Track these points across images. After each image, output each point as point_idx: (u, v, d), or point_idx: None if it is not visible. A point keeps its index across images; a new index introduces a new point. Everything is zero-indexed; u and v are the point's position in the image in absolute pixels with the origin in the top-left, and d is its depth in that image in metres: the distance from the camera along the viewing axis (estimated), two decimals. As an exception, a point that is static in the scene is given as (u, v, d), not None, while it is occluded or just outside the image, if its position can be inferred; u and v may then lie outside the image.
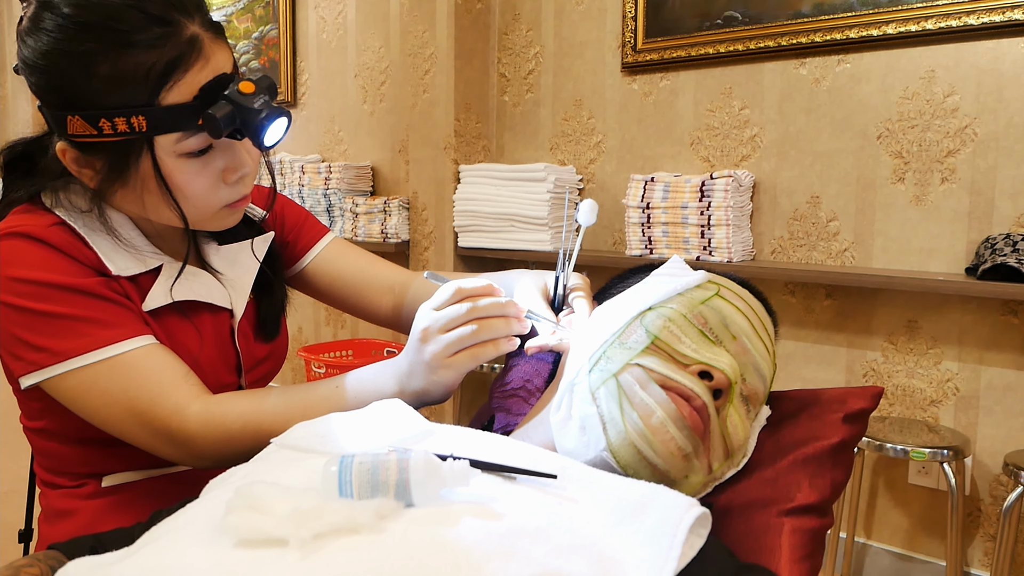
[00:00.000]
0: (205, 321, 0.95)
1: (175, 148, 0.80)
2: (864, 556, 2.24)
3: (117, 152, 0.79)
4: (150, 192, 0.83)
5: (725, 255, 2.23)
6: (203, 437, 0.83)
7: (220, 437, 0.83)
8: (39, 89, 0.81)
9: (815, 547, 0.70)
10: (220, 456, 0.84)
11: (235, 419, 0.83)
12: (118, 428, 0.84)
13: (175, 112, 0.77)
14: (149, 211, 0.86)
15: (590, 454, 0.70)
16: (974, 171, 2.00)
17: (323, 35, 3.52)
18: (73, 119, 0.78)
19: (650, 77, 2.55)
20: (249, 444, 0.81)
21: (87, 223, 0.87)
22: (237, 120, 0.79)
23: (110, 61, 0.75)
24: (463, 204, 2.77)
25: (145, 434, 0.84)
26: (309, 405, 0.84)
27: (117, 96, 0.76)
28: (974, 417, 2.05)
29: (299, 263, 1.13)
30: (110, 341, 0.82)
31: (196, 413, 0.82)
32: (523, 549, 0.52)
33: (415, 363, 0.80)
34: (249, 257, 1.01)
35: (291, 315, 1.11)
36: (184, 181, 0.82)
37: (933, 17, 1.99)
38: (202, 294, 0.94)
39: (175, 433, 0.83)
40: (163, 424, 0.82)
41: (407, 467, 0.55)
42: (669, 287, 0.78)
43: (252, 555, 0.50)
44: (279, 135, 0.84)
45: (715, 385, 0.70)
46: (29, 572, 0.63)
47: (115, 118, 0.76)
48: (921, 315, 2.10)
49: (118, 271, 0.87)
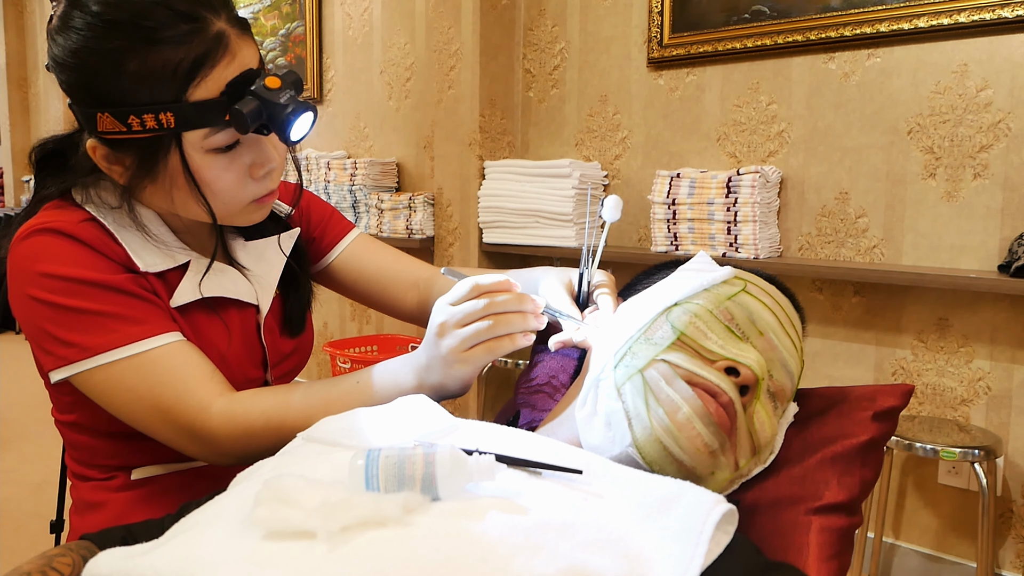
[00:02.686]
0: (232, 317, 0.96)
1: (203, 144, 0.81)
2: (892, 556, 2.21)
3: (146, 149, 0.80)
4: (179, 188, 0.84)
5: (752, 252, 2.21)
6: (226, 435, 0.83)
7: (242, 434, 0.84)
8: (69, 87, 0.82)
9: (843, 546, 0.70)
10: (243, 453, 0.85)
11: (257, 416, 0.84)
12: (143, 424, 0.85)
13: (202, 108, 0.78)
14: (178, 207, 0.87)
15: (616, 450, 0.70)
16: (1007, 167, 1.96)
17: (349, 31, 3.54)
18: (103, 116, 0.79)
19: (676, 72, 2.53)
20: (272, 441, 0.82)
21: (116, 219, 0.88)
22: (264, 115, 0.80)
23: (138, 58, 0.76)
24: (488, 200, 2.78)
25: (169, 431, 0.85)
26: (331, 401, 0.84)
27: (146, 93, 0.77)
28: (1006, 417, 2.01)
29: (325, 259, 1.14)
30: (137, 338, 0.83)
31: (219, 411, 0.83)
32: (549, 543, 0.52)
33: (432, 357, 0.80)
34: (276, 253, 1.02)
35: (316, 311, 1.12)
36: (212, 177, 0.83)
37: (966, 10, 1.95)
38: (229, 290, 0.95)
39: (198, 430, 0.83)
40: (187, 421, 0.83)
41: (433, 461, 0.56)
42: (695, 283, 0.77)
43: (280, 547, 0.51)
44: (305, 130, 0.85)
45: (742, 381, 0.70)
46: (62, 562, 0.64)
47: (144, 115, 0.77)
48: (952, 313, 2.07)
49: (146, 267, 0.88)
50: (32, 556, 0.65)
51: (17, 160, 5.83)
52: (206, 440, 0.84)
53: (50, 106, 5.50)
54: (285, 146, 0.89)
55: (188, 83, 0.77)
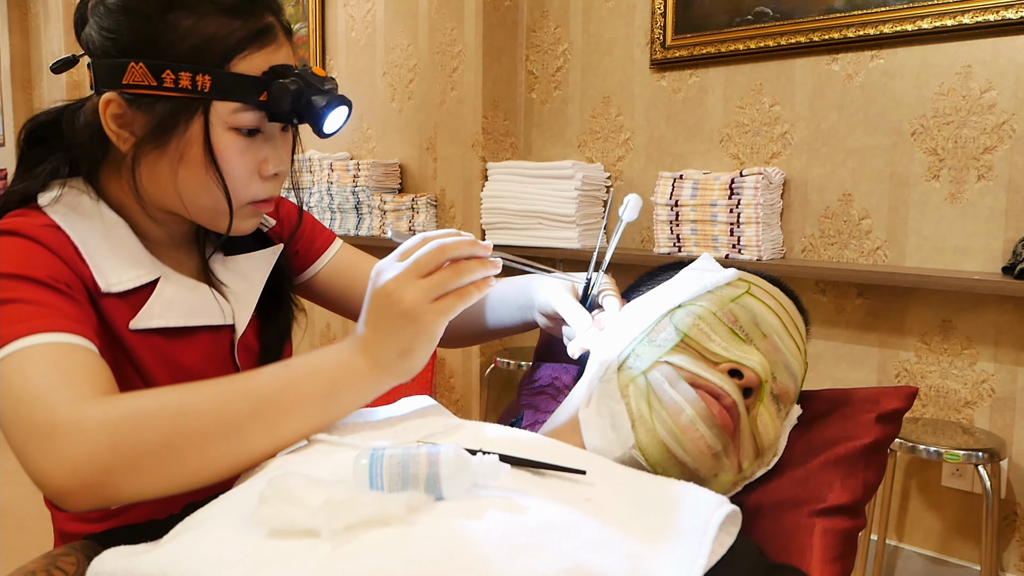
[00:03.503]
0: (202, 337, 0.90)
1: (228, 119, 0.78)
2: (896, 559, 2.20)
3: (169, 110, 0.77)
4: (187, 163, 0.79)
5: (755, 253, 2.21)
6: (89, 426, 0.63)
7: (109, 426, 0.63)
8: (107, 34, 0.78)
9: (847, 548, 0.70)
10: (103, 463, 0.62)
11: (127, 406, 0.65)
12: (5, 430, 0.67)
13: (241, 81, 0.77)
14: (180, 183, 0.80)
15: (619, 451, 0.70)
16: (1012, 168, 1.96)
17: (352, 33, 3.55)
18: (135, 66, 0.76)
19: (679, 74, 2.53)
20: (152, 444, 0.63)
21: (82, 228, 0.81)
22: (302, 100, 0.79)
23: (195, 16, 0.76)
24: (490, 201, 2.78)
25: (21, 432, 0.64)
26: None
27: (190, 52, 0.76)
28: (1010, 419, 2.01)
29: (307, 272, 1.08)
30: (43, 329, 0.69)
31: (91, 405, 0.65)
32: (553, 543, 0.52)
33: (386, 321, 0.68)
34: (257, 271, 0.96)
35: (316, 311, 1.09)
36: (227, 157, 0.79)
37: (970, 12, 1.95)
38: (199, 314, 0.88)
39: (57, 424, 0.63)
40: (46, 417, 0.63)
41: (437, 461, 0.56)
42: (699, 284, 0.77)
43: (284, 546, 0.51)
44: (339, 124, 0.84)
45: (745, 383, 0.70)
46: (66, 561, 0.64)
47: (180, 72, 0.76)
48: (956, 315, 2.06)
49: (108, 287, 0.80)
50: (36, 556, 0.65)
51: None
52: (56, 443, 0.61)
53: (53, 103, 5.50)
54: (290, 161, 0.87)
55: (234, 54, 0.77)
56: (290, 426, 0.67)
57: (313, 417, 0.68)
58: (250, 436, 0.65)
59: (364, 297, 0.82)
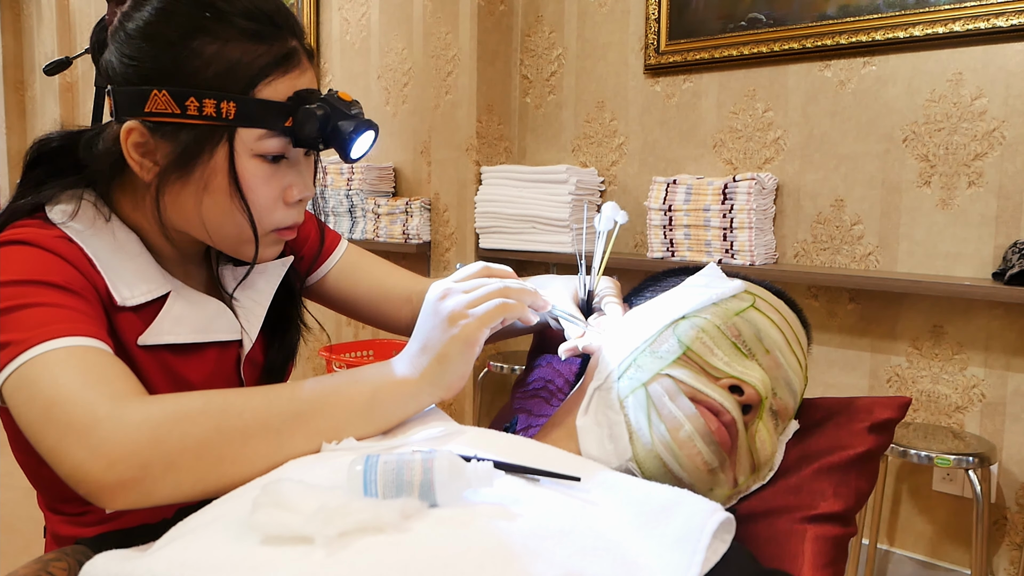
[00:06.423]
0: (210, 351, 0.89)
1: (254, 146, 0.77)
2: (887, 563, 2.21)
3: (194, 138, 0.76)
4: (212, 192, 0.78)
5: (747, 258, 2.21)
6: (125, 425, 0.64)
7: (145, 426, 0.64)
8: (129, 60, 0.77)
9: (838, 555, 0.70)
10: (143, 460, 0.63)
11: (171, 407, 0.66)
12: (33, 433, 0.67)
13: (267, 107, 0.76)
14: (204, 212, 0.79)
15: (615, 462, 0.70)
16: (1002, 175, 1.97)
17: (347, 37, 3.55)
18: (158, 94, 0.75)
19: (673, 79, 2.54)
20: (191, 444, 0.64)
21: (94, 241, 0.80)
22: (329, 125, 0.78)
23: (218, 42, 0.75)
24: (484, 205, 2.78)
25: (55, 432, 0.64)
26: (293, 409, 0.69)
27: (214, 79, 0.75)
28: (1000, 424, 2.02)
29: (315, 274, 1.08)
30: (66, 333, 0.69)
31: (128, 403, 0.66)
32: (547, 550, 0.52)
33: (427, 329, 0.72)
34: (266, 282, 0.96)
35: (316, 311, 1.09)
36: (252, 185, 0.78)
37: (961, 19, 1.96)
38: (208, 330, 0.87)
39: (90, 424, 0.63)
40: (79, 415, 0.64)
41: (431, 467, 0.56)
42: (704, 296, 0.77)
43: (278, 552, 0.51)
44: (365, 148, 0.83)
45: (745, 400, 0.70)
46: (57, 566, 0.64)
47: (204, 99, 0.74)
48: (947, 320, 2.07)
49: (123, 300, 0.80)
50: (27, 560, 0.65)
51: (12, 164, 5.81)
52: (96, 436, 0.62)
53: (46, 110, 5.49)
54: (313, 186, 0.85)
55: (258, 80, 0.75)
56: (330, 432, 0.68)
57: (354, 424, 0.69)
58: (290, 439, 0.66)
59: (371, 302, 0.96)
